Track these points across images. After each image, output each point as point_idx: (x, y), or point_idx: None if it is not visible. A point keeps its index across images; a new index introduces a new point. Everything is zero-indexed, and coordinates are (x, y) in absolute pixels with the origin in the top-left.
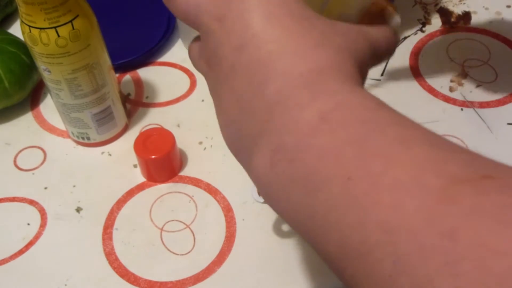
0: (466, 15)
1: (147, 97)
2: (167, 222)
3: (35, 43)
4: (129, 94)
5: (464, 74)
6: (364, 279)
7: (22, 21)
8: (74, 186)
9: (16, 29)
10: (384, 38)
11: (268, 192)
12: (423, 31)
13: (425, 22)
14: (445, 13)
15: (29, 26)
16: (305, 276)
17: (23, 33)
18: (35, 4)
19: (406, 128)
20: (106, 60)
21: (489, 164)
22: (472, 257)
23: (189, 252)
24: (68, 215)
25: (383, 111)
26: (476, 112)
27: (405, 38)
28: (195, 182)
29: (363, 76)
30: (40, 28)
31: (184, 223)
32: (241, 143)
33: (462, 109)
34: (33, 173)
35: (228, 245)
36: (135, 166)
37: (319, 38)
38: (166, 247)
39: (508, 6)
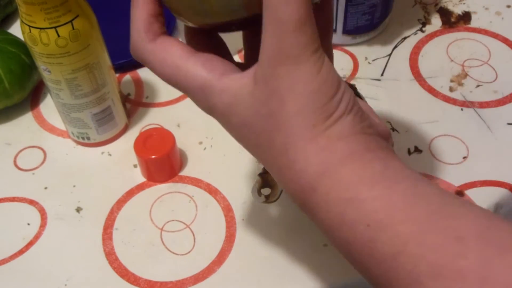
0: (466, 15)
1: (147, 97)
2: (167, 222)
3: (35, 43)
4: (129, 94)
5: (464, 74)
6: None
7: (22, 21)
8: (74, 186)
9: (16, 29)
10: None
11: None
12: (423, 31)
13: (425, 22)
14: (445, 13)
15: (29, 26)
16: (305, 276)
17: (23, 33)
18: (35, 4)
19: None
20: (106, 60)
21: None
22: None
23: (189, 252)
24: (68, 215)
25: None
26: (476, 112)
27: (405, 38)
28: (195, 182)
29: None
30: (40, 28)
31: (184, 223)
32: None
33: (462, 109)
34: (33, 173)
35: (228, 245)
36: (135, 166)
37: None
38: (166, 247)
39: (508, 6)
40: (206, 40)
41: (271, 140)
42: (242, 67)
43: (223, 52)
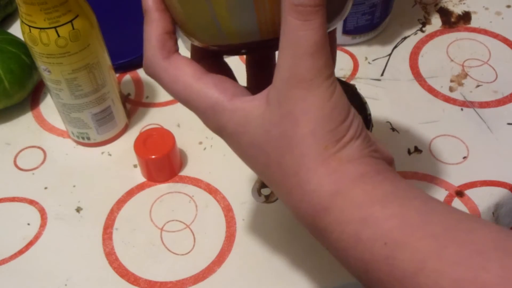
0: (466, 15)
1: (147, 97)
2: (167, 222)
3: (35, 43)
4: (129, 94)
5: (464, 74)
6: None
7: (22, 21)
8: (74, 186)
9: (16, 29)
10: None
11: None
12: (423, 31)
13: (425, 22)
14: (445, 13)
15: (29, 26)
16: (305, 276)
17: (23, 33)
18: (35, 4)
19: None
20: (106, 60)
21: None
22: None
23: (189, 252)
24: (68, 215)
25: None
26: (476, 112)
27: (405, 38)
28: (195, 182)
29: None
30: (40, 28)
31: (184, 223)
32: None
33: (462, 109)
34: (33, 173)
35: (228, 245)
36: (135, 166)
37: None
38: (166, 247)
39: (508, 6)
40: (213, 63)
41: (282, 161)
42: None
43: (230, 75)
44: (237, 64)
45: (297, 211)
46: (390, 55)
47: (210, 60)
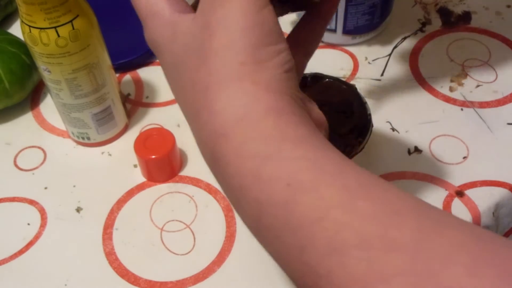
0: (466, 15)
1: (147, 97)
2: (167, 222)
3: (35, 43)
4: (129, 94)
5: (464, 74)
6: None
7: (22, 21)
8: (74, 186)
9: (16, 29)
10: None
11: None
12: (423, 31)
13: (425, 22)
14: (445, 13)
15: (29, 26)
16: None
17: (23, 33)
18: (35, 4)
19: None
20: (106, 60)
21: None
22: None
23: (189, 252)
24: (68, 215)
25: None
26: (476, 112)
27: (405, 38)
28: (195, 182)
29: None
30: (40, 28)
31: (184, 223)
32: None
33: (462, 109)
34: (33, 173)
35: (228, 245)
36: (135, 166)
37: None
38: (166, 247)
39: (508, 6)
40: None
41: (196, 77)
42: None
43: None
44: None
45: (200, 137)
46: (390, 55)
47: None
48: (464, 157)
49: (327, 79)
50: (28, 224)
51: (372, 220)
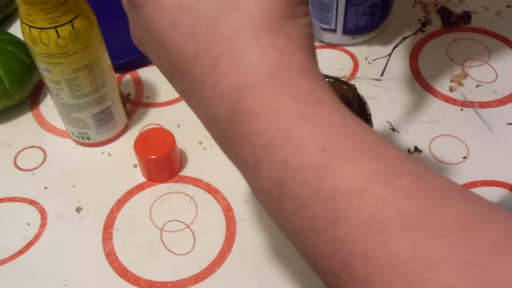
0: (466, 15)
1: (147, 97)
2: (167, 222)
3: (35, 43)
4: (129, 94)
5: (464, 74)
6: None
7: (22, 21)
8: (74, 186)
9: (16, 29)
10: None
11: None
12: (423, 31)
13: (425, 22)
14: (445, 13)
15: (29, 26)
16: (305, 276)
17: (23, 33)
18: (35, 4)
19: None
20: (106, 60)
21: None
22: None
23: (189, 252)
24: (68, 215)
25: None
26: (476, 112)
27: (405, 38)
28: (195, 182)
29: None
30: (40, 28)
31: (184, 223)
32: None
33: (462, 109)
34: (33, 173)
35: (228, 245)
36: (135, 166)
37: None
38: (166, 247)
39: (508, 6)
40: None
41: (216, 24)
42: None
43: None
44: None
45: (215, 89)
46: (390, 55)
47: None
48: (464, 157)
49: (327, 79)
50: (28, 224)
51: (416, 198)
